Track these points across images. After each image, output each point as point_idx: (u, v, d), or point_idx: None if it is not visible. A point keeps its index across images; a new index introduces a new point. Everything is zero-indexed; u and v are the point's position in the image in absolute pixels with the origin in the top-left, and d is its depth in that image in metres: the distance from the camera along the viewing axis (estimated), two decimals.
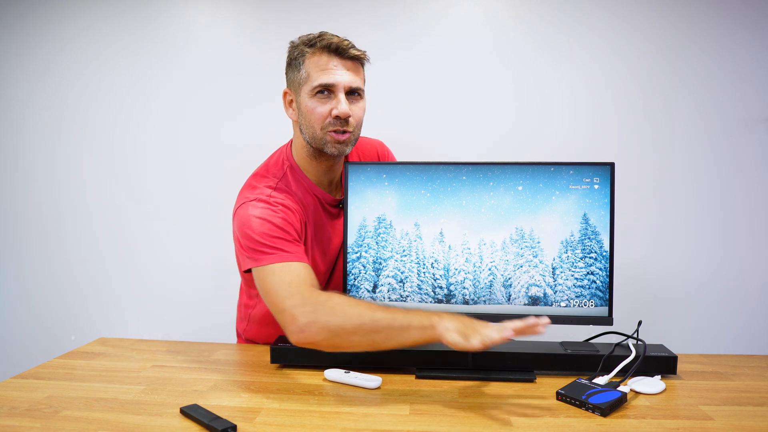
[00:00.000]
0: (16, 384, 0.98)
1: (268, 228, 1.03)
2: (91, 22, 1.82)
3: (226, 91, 1.79)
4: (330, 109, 1.07)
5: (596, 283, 1.05)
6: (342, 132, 1.09)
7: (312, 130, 1.10)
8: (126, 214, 1.86)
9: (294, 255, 1.01)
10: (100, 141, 1.85)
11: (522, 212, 1.06)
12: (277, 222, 1.04)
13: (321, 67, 1.07)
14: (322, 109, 1.08)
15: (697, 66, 1.65)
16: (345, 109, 1.07)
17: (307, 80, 1.08)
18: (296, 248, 1.03)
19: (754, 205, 1.66)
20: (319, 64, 1.07)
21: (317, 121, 1.08)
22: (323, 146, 1.10)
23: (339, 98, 1.07)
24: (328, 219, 1.20)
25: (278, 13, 1.74)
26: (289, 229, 1.05)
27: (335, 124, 1.08)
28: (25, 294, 1.93)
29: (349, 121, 1.09)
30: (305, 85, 1.09)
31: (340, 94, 1.07)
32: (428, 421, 0.83)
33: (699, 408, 0.87)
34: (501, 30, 1.69)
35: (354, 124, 1.10)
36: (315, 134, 1.10)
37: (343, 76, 1.07)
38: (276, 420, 0.83)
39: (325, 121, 1.08)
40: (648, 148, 1.67)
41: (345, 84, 1.08)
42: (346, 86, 1.08)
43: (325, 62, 1.07)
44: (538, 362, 1.02)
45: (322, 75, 1.07)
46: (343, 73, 1.08)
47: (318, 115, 1.08)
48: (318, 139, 1.10)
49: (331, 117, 1.08)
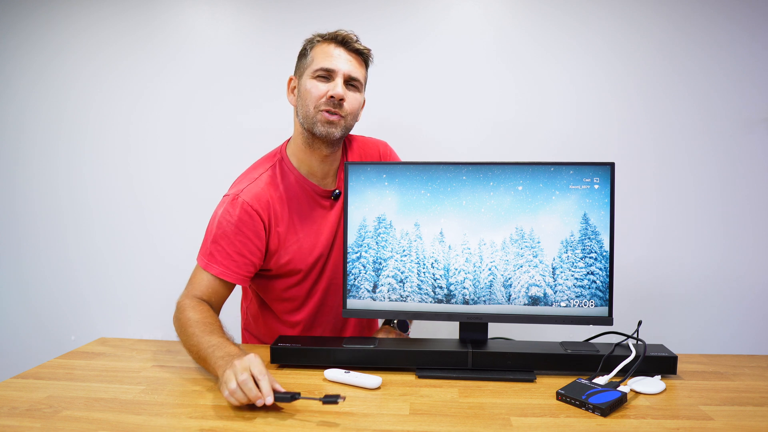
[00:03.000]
0: (16, 384, 0.98)
1: (216, 233, 1.15)
2: (92, 23, 1.81)
3: (228, 91, 1.78)
4: (326, 90, 1.14)
5: (596, 283, 1.05)
6: (333, 113, 1.15)
7: (306, 109, 1.16)
8: (127, 214, 1.86)
9: (215, 266, 1.13)
10: (100, 140, 1.85)
11: (522, 212, 1.06)
12: (227, 228, 1.14)
13: (326, 54, 1.16)
14: (318, 89, 1.15)
15: (697, 66, 1.65)
16: (340, 91, 1.14)
17: (311, 64, 1.17)
18: (223, 257, 1.14)
19: (754, 205, 1.66)
20: (324, 51, 1.17)
21: (312, 100, 1.15)
22: (313, 126, 1.16)
23: (336, 81, 1.15)
24: (318, 210, 1.24)
25: (280, 14, 1.74)
26: (233, 237, 1.14)
27: (328, 104, 1.14)
28: (26, 294, 1.93)
29: (342, 106, 1.15)
30: (308, 69, 1.17)
31: (338, 79, 1.15)
32: (428, 421, 0.83)
33: (699, 408, 0.87)
34: (502, 30, 1.69)
35: (347, 111, 1.16)
36: (308, 113, 1.16)
37: (344, 64, 1.16)
38: (276, 420, 0.83)
39: (320, 100, 1.15)
40: (648, 148, 1.67)
41: (345, 71, 1.15)
42: (345, 74, 1.15)
43: (330, 50, 1.16)
44: (538, 362, 1.02)
45: (325, 60, 1.16)
46: (345, 62, 1.16)
47: (314, 94, 1.15)
48: (310, 118, 1.16)
49: (326, 97, 1.14)
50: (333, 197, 1.24)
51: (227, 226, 1.14)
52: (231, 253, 1.13)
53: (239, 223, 1.14)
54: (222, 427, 0.81)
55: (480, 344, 1.07)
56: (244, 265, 1.15)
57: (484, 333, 1.09)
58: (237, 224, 1.14)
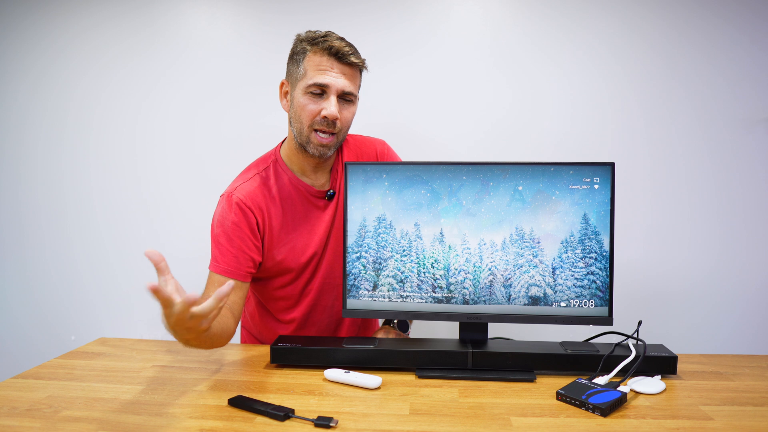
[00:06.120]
0: (16, 384, 0.98)
1: (216, 234, 1.16)
2: (93, 24, 1.82)
3: (231, 91, 1.78)
4: (320, 109, 1.12)
5: (596, 283, 1.05)
6: (327, 134, 1.13)
7: (300, 125, 1.15)
8: (130, 214, 1.86)
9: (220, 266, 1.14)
10: (103, 140, 1.85)
11: (522, 212, 1.06)
12: (225, 226, 1.15)
13: (319, 67, 1.11)
14: (312, 107, 1.12)
15: (695, 67, 1.65)
16: (334, 111, 1.11)
17: (303, 77, 1.12)
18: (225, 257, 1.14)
19: (753, 205, 1.66)
20: (317, 64, 1.11)
21: (306, 118, 1.13)
22: (307, 144, 1.15)
23: (330, 100, 1.11)
24: (312, 210, 1.24)
25: (282, 16, 1.74)
26: (232, 234, 1.15)
27: (322, 123, 1.13)
28: (30, 293, 1.93)
29: (336, 124, 1.13)
30: (301, 81, 1.13)
31: (332, 96, 1.11)
32: (428, 421, 0.83)
33: (699, 408, 0.87)
34: (500, 32, 1.69)
35: (340, 127, 1.15)
36: (302, 130, 1.15)
37: (337, 80, 1.11)
38: (276, 420, 0.83)
39: (314, 119, 1.13)
40: (646, 148, 1.67)
41: (338, 88, 1.11)
42: (339, 90, 1.12)
43: (323, 63, 1.11)
44: (538, 362, 1.02)
45: (318, 75, 1.11)
46: (339, 77, 1.11)
47: (308, 112, 1.12)
48: (303, 136, 1.15)
49: (320, 117, 1.12)
50: (327, 197, 1.25)
51: (224, 225, 1.15)
52: (232, 251, 1.14)
53: (235, 219, 1.16)
54: (222, 427, 0.81)
55: (480, 344, 1.07)
56: (244, 261, 1.15)
57: (484, 333, 1.09)
58: (233, 221, 1.15)
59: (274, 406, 0.85)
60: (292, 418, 0.83)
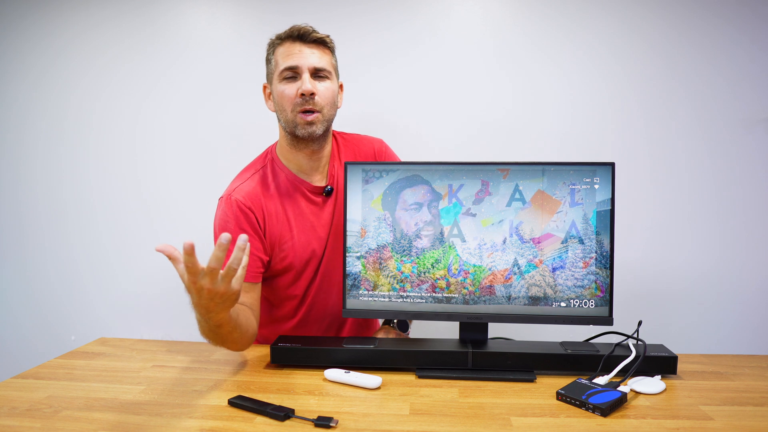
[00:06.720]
0: (16, 384, 0.98)
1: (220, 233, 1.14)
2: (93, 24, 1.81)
3: (231, 91, 1.78)
4: (296, 89, 1.14)
5: (596, 283, 1.05)
6: (309, 112, 1.15)
7: (285, 113, 1.17)
8: (130, 214, 1.86)
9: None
10: (103, 140, 1.85)
11: (522, 212, 1.06)
12: (230, 229, 1.15)
13: (287, 53, 1.16)
14: (289, 91, 1.15)
15: (695, 67, 1.65)
16: (308, 86, 1.13)
17: (276, 67, 1.17)
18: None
19: (753, 205, 1.66)
20: (285, 52, 1.16)
21: (287, 103, 1.16)
22: (295, 129, 1.17)
23: (303, 78, 1.14)
24: (310, 207, 1.24)
25: (282, 16, 1.73)
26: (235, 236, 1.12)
27: (302, 103, 1.14)
28: (30, 293, 1.93)
29: (315, 100, 1.15)
30: (275, 73, 1.17)
31: (305, 75, 1.14)
32: (428, 421, 0.83)
33: (699, 408, 0.87)
34: (500, 32, 1.69)
35: (321, 104, 1.16)
36: (287, 117, 1.17)
37: (306, 58, 1.15)
38: (276, 420, 0.83)
39: (294, 101, 1.15)
40: (646, 148, 1.67)
41: (309, 65, 1.15)
42: (310, 67, 1.15)
43: (290, 48, 1.16)
44: (538, 362, 1.02)
45: (287, 59, 1.15)
46: (307, 56, 1.15)
47: (287, 96, 1.15)
48: (290, 122, 1.17)
49: (298, 98, 1.14)
50: (325, 193, 1.25)
51: (227, 228, 1.15)
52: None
53: (236, 220, 1.16)
54: (222, 427, 0.81)
55: (480, 344, 1.07)
56: (252, 261, 1.15)
57: (484, 333, 1.09)
58: (235, 222, 1.15)
59: (274, 406, 0.85)
60: (292, 418, 0.83)
